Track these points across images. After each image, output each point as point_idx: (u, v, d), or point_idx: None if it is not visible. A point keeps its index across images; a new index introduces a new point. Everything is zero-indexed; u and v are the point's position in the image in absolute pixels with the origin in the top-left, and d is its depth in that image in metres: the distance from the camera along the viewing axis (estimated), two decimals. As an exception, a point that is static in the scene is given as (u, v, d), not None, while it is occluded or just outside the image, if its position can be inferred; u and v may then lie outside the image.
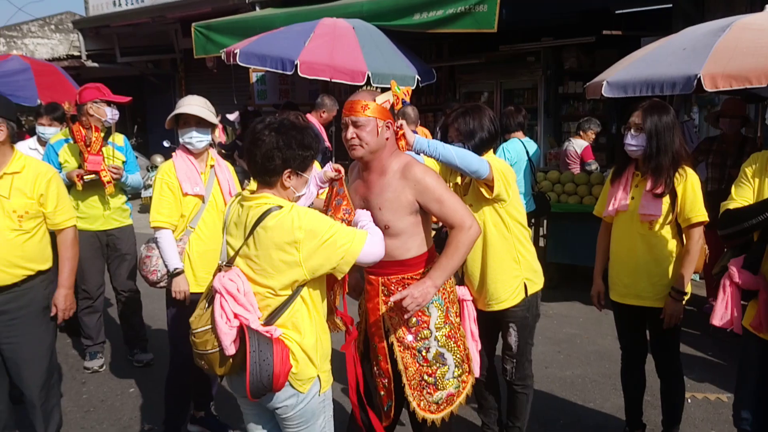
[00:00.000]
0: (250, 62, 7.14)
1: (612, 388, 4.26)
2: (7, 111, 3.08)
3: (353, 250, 2.28)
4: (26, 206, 3.06)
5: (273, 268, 2.22)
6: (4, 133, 3.03)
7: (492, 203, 3.02)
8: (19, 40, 21.97)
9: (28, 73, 8.01)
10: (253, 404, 2.42)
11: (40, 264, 3.17)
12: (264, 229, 2.21)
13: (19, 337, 3.13)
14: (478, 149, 3.02)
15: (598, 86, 5.11)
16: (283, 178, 2.28)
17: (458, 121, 3.05)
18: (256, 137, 2.25)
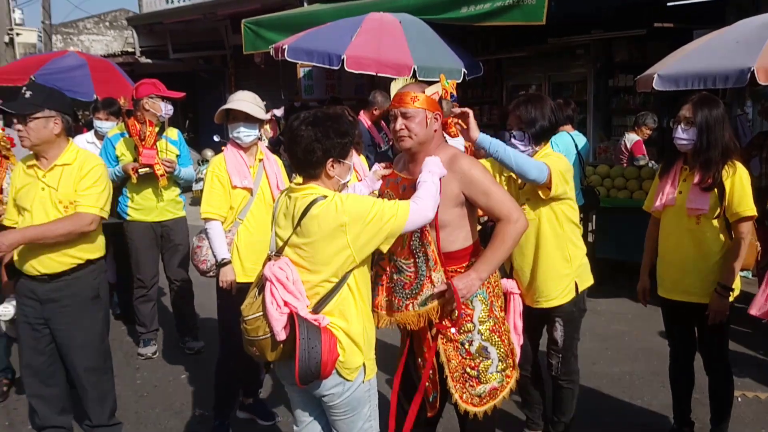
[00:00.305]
0: (297, 57, 7.23)
1: (660, 386, 4.18)
2: (62, 105, 3.20)
3: (398, 223, 2.34)
4: (72, 196, 3.13)
5: (321, 255, 2.28)
6: (59, 127, 3.14)
7: (549, 201, 3.02)
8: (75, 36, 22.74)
9: (84, 69, 8.26)
10: (301, 391, 2.48)
11: (89, 253, 3.23)
12: (311, 218, 2.28)
13: (69, 324, 3.22)
14: (538, 138, 3.05)
15: (649, 79, 5.02)
16: (326, 168, 2.35)
17: (520, 109, 3.07)
18: (294, 133, 2.33)
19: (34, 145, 3.12)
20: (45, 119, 3.09)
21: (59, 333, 3.24)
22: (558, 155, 3.08)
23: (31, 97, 3.09)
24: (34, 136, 3.08)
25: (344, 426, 2.46)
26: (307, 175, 2.38)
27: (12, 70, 9.15)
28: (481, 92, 10.20)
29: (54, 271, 3.16)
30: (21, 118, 3.07)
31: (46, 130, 3.10)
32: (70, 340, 3.24)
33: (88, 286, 3.25)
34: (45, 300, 3.21)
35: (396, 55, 6.83)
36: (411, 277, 2.60)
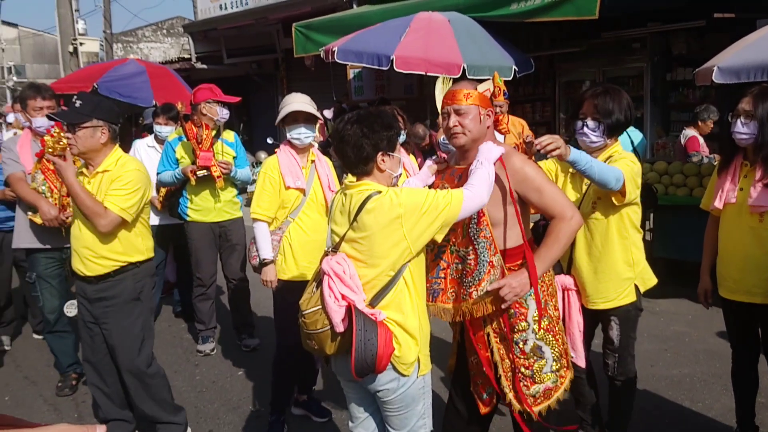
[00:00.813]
0: (348, 59, 7.30)
1: (722, 389, 4.06)
2: (110, 115, 3.33)
3: (453, 211, 2.37)
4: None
5: (378, 248, 2.33)
6: (106, 136, 3.29)
7: (619, 206, 2.98)
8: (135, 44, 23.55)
9: (143, 76, 8.56)
10: (356, 387, 2.53)
11: (131, 256, 3.34)
12: (367, 212, 2.33)
13: (112, 324, 3.35)
14: (612, 131, 3.00)
15: (708, 72, 4.87)
16: (377, 163, 2.41)
17: (598, 98, 2.99)
18: (341, 134, 2.41)
19: (82, 152, 3.28)
20: (93, 129, 3.24)
21: (106, 332, 3.39)
22: (630, 156, 3.00)
23: (81, 106, 3.23)
24: (81, 144, 3.24)
25: (398, 422, 2.48)
26: (360, 171, 2.44)
27: (77, 78, 9.56)
28: (532, 89, 10.07)
29: (97, 273, 3.30)
30: (70, 127, 3.23)
31: (93, 139, 3.25)
32: (113, 339, 3.37)
33: (129, 288, 3.36)
34: (93, 299, 3.38)
35: (445, 54, 6.82)
36: (472, 264, 2.59)
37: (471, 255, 2.58)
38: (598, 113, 2.98)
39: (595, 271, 3.06)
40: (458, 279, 2.64)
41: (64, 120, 3.25)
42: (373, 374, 2.34)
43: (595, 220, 3.03)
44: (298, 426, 3.86)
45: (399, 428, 2.50)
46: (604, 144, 3.03)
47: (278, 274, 3.63)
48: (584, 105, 3.04)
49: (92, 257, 3.29)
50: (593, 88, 3.10)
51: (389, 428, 2.52)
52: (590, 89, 3.11)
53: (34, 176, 4.10)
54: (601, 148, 3.03)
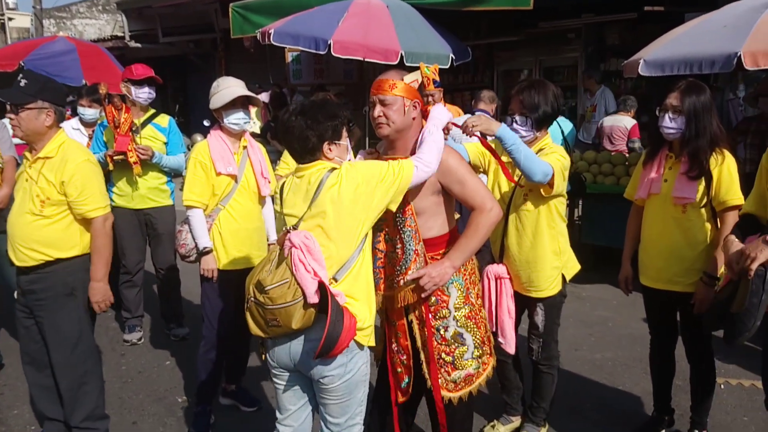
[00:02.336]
0: (284, 42, 7.18)
1: (643, 372, 4.21)
2: (56, 97, 3.15)
3: (405, 180, 2.43)
4: (48, 192, 3.07)
5: (340, 224, 2.34)
6: (51, 119, 3.10)
7: (548, 198, 3.04)
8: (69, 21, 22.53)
9: (73, 54, 8.20)
10: (293, 377, 2.50)
11: (61, 251, 3.14)
12: (327, 189, 2.35)
13: (43, 318, 3.19)
14: (540, 123, 3.05)
15: (635, 64, 5.01)
16: (324, 152, 2.42)
17: (523, 94, 3.05)
18: (286, 125, 2.42)
19: (26, 135, 3.09)
20: (38, 110, 3.05)
21: (39, 325, 3.24)
22: (560, 150, 3.05)
23: (26, 86, 3.05)
24: (25, 126, 3.06)
25: (339, 410, 2.47)
26: (307, 161, 2.44)
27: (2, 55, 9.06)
28: (471, 77, 10.16)
29: (24, 264, 3.14)
30: (13, 107, 3.04)
31: (37, 122, 3.06)
32: (46, 333, 3.22)
33: (60, 283, 3.17)
34: (25, 291, 3.22)
35: (383, 40, 6.79)
36: (399, 253, 2.61)
37: (398, 244, 2.61)
38: (524, 108, 3.04)
39: (527, 261, 3.13)
40: (393, 267, 2.66)
41: (8, 100, 3.04)
42: (328, 357, 2.32)
43: (527, 211, 3.09)
44: (225, 416, 3.80)
45: (339, 416, 2.48)
46: (534, 137, 3.09)
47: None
48: (512, 101, 3.10)
49: (22, 247, 3.12)
50: (519, 84, 3.16)
51: (327, 417, 2.50)
52: (517, 85, 3.17)
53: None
54: (532, 141, 3.08)
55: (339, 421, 2.50)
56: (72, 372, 3.27)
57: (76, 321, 3.24)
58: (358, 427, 2.55)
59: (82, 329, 3.28)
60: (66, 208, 3.12)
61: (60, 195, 3.08)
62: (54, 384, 3.35)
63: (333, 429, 2.51)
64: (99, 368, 3.44)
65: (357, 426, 2.54)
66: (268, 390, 4.06)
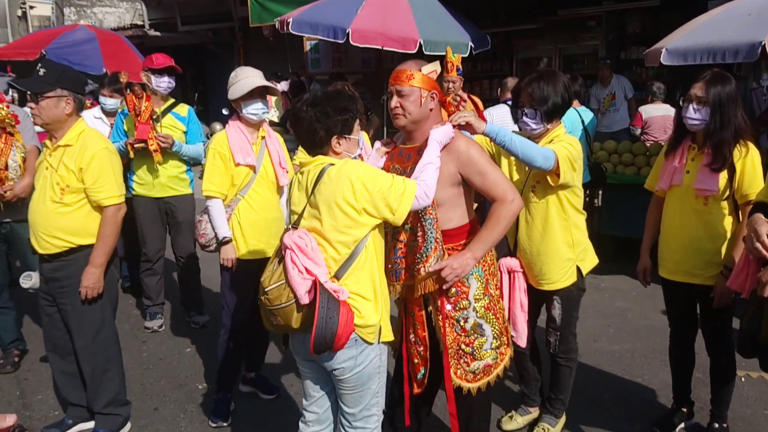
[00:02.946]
0: (302, 30, 7.17)
1: (662, 364, 4.18)
2: (75, 85, 3.18)
3: (407, 200, 2.39)
4: (67, 179, 3.11)
5: (336, 220, 2.34)
6: (71, 107, 3.14)
7: (557, 188, 3.00)
8: (88, 9, 22.63)
9: (94, 43, 8.28)
10: (313, 365, 2.54)
11: (82, 238, 3.18)
12: (323, 184, 2.34)
13: (67, 305, 3.24)
14: (550, 115, 3.00)
15: (657, 53, 4.94)
16: (332, 146, 2.41)
17: (532, 86, 3.00)
18: (297, 115, 2.42)
19: (45, 123, 3.13)
20: (57, 99, 3.09)
21: (62, 312, 3.29)
22: (570, 140, 3.01)
23: (45, 75, 3.08)
24: (45, 114, 3.09)
25: (353, 400, 2.50)
26: (315, 153, 2.44)
27: (24, 44, 9.16)
28: (490, 65, 10.09)
29: (47, 251, 3.19)
30: (33, 96, 3.07)
31: (57, 110, 3.10)
32: (69, 320, 3.27)
33: (82, 270, 3.20)
34: (48, 278, 3.27)
35: (402, 29, 6.76)
36: (420, 241, 2.60)
37: (419, 231, 2.59)
38: (533, 100, 2.99)
39: (537, 253, 3.10)
40: (413, 255, 2.65)
41: (28, 89, 3.09)
42: (331, 352, 2.35)
43: (535, 203, 3.07)
44: (245, 403, 3.84)
45: (353, 406, 2.51)
46: (545, 129, 3.04)
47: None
48: (521, 94, 3.05)
49: (44, 235, 3.16)
50: (529, 76, 3.10)
51: (343, 406, 2.53)
52: (527, 77, 3.11)
53: (-31, 149, 3.93)
54: (543, 133, 3.05)
55: (354, 411, 2.52)
56: (94, 358, 3.32)
57: (98, 308, 3.28)
58: (375, 418, 2.57)
59: (104, 316, 3.33)
60: (85, 195, 3.16)
61: (79, 182, 3.12)
62: (77, 370, 3.41)
63: (349, 418, 2.54)
64: (120, 355, 3.50)
65: (374, 417, 2.56)
66: (287, 378, 4.10)
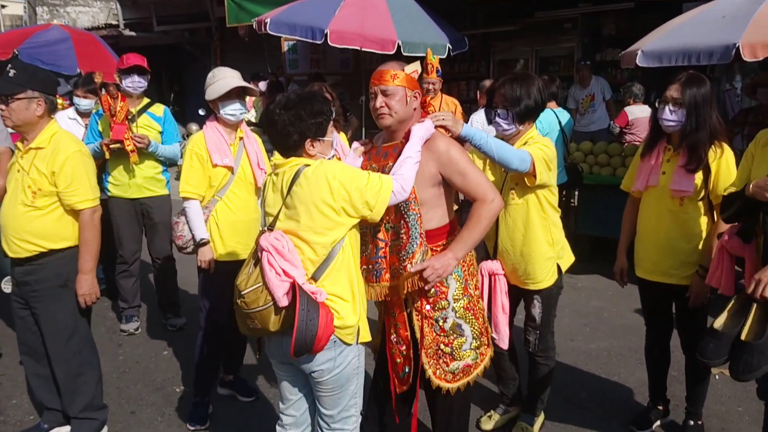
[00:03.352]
0: (280, 31, 7.14)
1: (637, 362, 4.23)
2: (47, 86, 3.12)
3: (384, 196, 2.38)
4: (39, 183, 3.05)
5: (314, 221, 2.32)
6: (42, 108, 3.08)
7: (535, 188, 3.03)
8: (62, 8, 22.29)
9: (68, 43, 8.15)
10: (289, 368, 2.52)
11: (53, 242, 3.13)
12: (299, 185, 2.32)
13: (39, 309, 3.19)
14: (523, 117, 3.02)
15: (632, 55, 5.00)
16: (306, 149, 2.40)
17: (505, 87, 3.02)
18: (270, 118, 2.40)
19: (16, 125, 3.07)
20: (28, 100, 3.03)
21: (35, 316, 3.24)
22: (544, 141, 3.04)
23: (15, 76, 3.02)
24: (15, 117, 3.03)
25: (331, 402, 2.49)
26: (288, 155, 2.42)
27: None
28: (468, 67, 10.14)
29: (20, 255, 3.13)
30: (3, 98, 3.01)
31: (28, 112, 3.04)
32: (41, 324, 3.22)
33: (53, 274, 3.16)
34: (20, 282, 3.22)
35: (380, 30, 6.76)
36: (404, 239, 2.61)
37: (403, 229, 2.60)
38: (506, 102, 3.01)
39: (521, 254, 3.12)
40: (397, 255, 2.65)
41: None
42: (310, 354, 2.33)
43: (515, 205, 3.09)
44: (224, 406, 3.82)
45: (331, 408, 2.50)
46: (518, 131, 3.07)
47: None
48: (495, 95, 3.08)
49: (16, 239, 3.11)
50: (503, 78, 3.12)
51: (321, 408, 2.52)
52: (500, 79, 3.14)
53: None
54: (516, 134, 3.07)
55: (332, 413, 2.51)
56: (68, 362, 3.27)
57: (70, 312, 3.23)
58: (353, 419, 2.56)
59: (77, 320, 3.28)
60: (58, 199, 3.11)
61: (51, 186, 3.07)
62: (52, 374, 3.35)
63: (327, 420, 2.53)
64: (96, 358, 3.44)
65: (352, 417, 2.55)
66: (265, 380, 4.08)
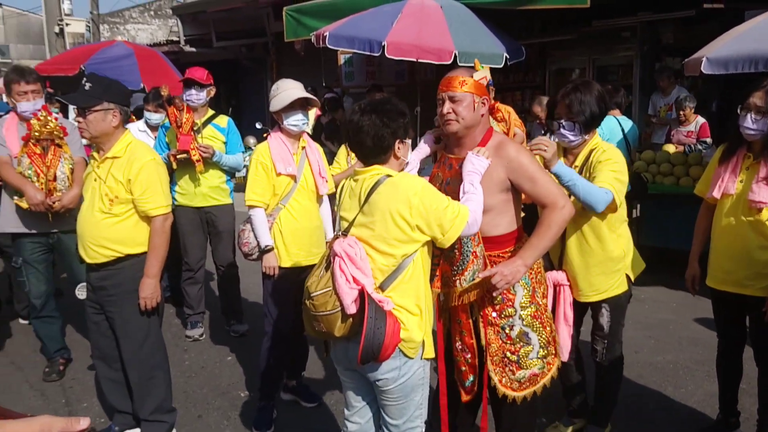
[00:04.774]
0: (338, 45, 7.23)
1: (705, 375, 4.12)
2: (121, 97, 3.25)
3: (459, 224, 2.37)
4: (116, 190, 3.16)
5: (388, 232, 2.33)
6: (117, 119, 3.20)
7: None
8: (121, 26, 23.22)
9: (132, 59, 8.47)
10: (355, 375, 2.53)
11: (129, 248, 3.24)
12: (379, 194, 2.34)
13: (115, 313, 3.29)
14: (588, 126, 3.00)
15: (697, 63, 4.89)
16: (395, 150, 2.43)
17: (570, 97, 2.99)
18: (359, 126, 2.39)
19: (93, 137, 3.19)
20: (104, 112, 3.15)
21: (110, 320, 3.35)
22: (612, 153, 2.98)
23: (91, 89, 3.15)
24: (92, 128, 3.15)
25: (396, 411, 2.48)
26: (376, 161, 2.44)
27: (63, 60, 9.44)
28: (523, 77, 10.07)
29: (95, 261, 3.25)
30: (80, 111, 3.14)
31: (104, 123, 3.16)
32: (116, 328, 3.33)
33: (129, 279, 3.26)
34: (95, 287, 3.33)
35: (437, 41, 6.78)
36: (456, 254, 2.61)
37: (456, 245, 2.59)
38: (571, 112, 2.98)
39: (587, 266, 3.07)
40: (450, 266, 2.66)
41: (74, 103, 3.16)
42: (375, 363, 2.35)
43: (586, 218, 3.03)
44: (287, 411, 3.87)
45: (396, 417, 2.49)
46: (583, 140, 3.04)
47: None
48: (558, 106, 3.05)
49: (92, 245, 3.23)
50: (564, 88, 3.09)
51: (386, 417, 2.52)
52: (562, 89, 3.10)
53: (20, 160, 4.04)
54: (581, 144, 3.05)
55: (397, 423, 2.51)
56: (141, 365, 3.37)
57: (144, 316, 3.33)
58: (419, 429, 2.55)
59: (151, 324, 3.38)
60: (133, 206, 3.22)
61: (127, 193, 3.19)
62: (123, 378, 3.46)
63: (392, 429, 2.52)
64: (166, 362, 3.54)
65: (417, 428, 2.54)
66: (328, 386, 4.12)
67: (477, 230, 2.46)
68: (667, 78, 7.98)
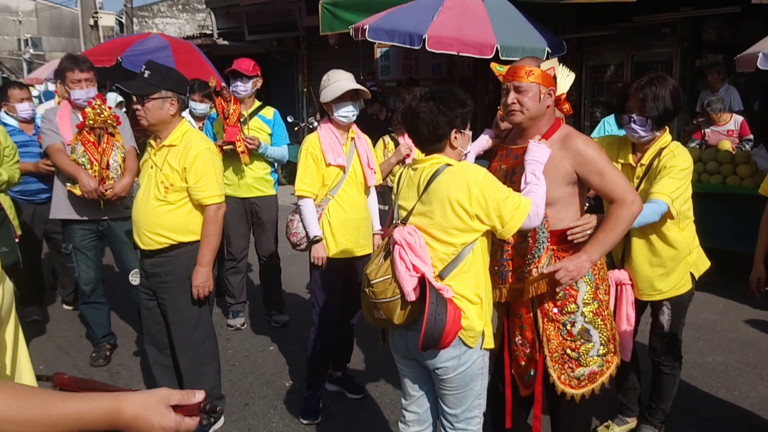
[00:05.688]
0: (378, 38, 7.21)
1: (758, 377, 4.04)
2: (179, 86, 3.27)
3: (519, 216, 2.32)
4: (172, 178, 3.19)
5: (447, 221, 2.31)
6: (175, 107, 3.22)
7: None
8: (150, 19, 23.40)
9: (167, 51, 8.49)
10: (413, 364, 2.52)
11: (183, 235, 3.26)
12: (439, 183, 2.32)
13: (167, 300, 3.32)
14: (660, 122, 2.90)
15: (753, 58, 4.79)
16: (450, 140, 2.39)
17: (643, 91, 2.86)
18: (416, 112, 2.37)
19: (151, 124, 3.21)
20: (162, 100, 3.17)
21: (162, 306, 3.38)
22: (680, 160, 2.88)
23: (150, 77, 3.16)
24: (150, 116, 3.18)
25: (455, 401, 2.47)
26: (432, 149, 2.42)
27: (100, 51, 9.50)
28: (558, 73, 9.93)
29: (150, 247, 3.28)
30: (139, 98, 3.16)
31: (162, 111, 3.18)
32: (168, 314, 3.36)
33: (182, 266, 3.29)
34: (149, 273, 3.37)
35: (478, 34, 6.73)
36: (530, 242, 2.57)
37: (530, 233, 2.55)
38: (644, 107, 2.86)
39: (650, 265, 3.01)
40: (522, 258, 2.62)
41: (134, 91, 3.17)
42: (436, 350, 2.33)
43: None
44: (333, 402, 3.87)
45: (455, 407, 2.48)
46: (653, 137, 2.95)
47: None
48: (630, 99, 2.92)
49: (147, 231, 3.26)
50: (638, 80, 2.94)
51: (444, 407, 2.51)
52: (636, 81, 2.96)
53: (74, 147, 4.09)
54: (651, 140, 2.96)
55: (456, 412, 2.49)
56: (192, 351, 3.40)
57: (196, 304, 3.35)
58: (477, 420, 2.53)
59: (202, 311, 3.40)
60: (187, 194, 3.24)
61: (182, 181, 3.20)
62: (173, 363, 3.50)
63: (450, 419, 2.50)
64: (216, 350, 3.57)
65: (476, 418, 2.52)
66: (373, 378, 4.12)
67: (538, 223, 2.42)
68: (716, 73, 7.74)
